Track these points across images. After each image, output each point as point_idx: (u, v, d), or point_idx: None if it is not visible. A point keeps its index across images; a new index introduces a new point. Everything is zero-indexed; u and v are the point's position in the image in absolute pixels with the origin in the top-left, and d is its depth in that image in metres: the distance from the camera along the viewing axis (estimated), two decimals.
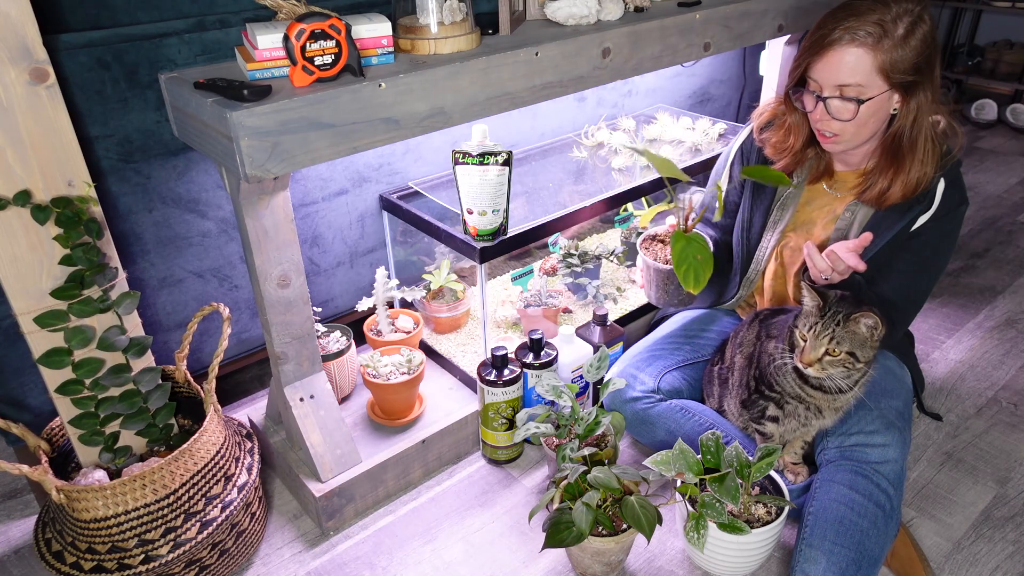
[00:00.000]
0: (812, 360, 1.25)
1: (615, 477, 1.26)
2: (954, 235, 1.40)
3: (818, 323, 1.25)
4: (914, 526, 1.47)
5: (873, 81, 1.26)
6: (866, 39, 1.23)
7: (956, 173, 1.37)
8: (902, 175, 1.33)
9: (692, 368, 1.62)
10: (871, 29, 1.23)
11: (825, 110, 1.31)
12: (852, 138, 1.33)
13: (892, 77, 1.25)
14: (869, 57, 1.24)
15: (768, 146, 1.49)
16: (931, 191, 1.35)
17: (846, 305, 1.25)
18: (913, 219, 1.36)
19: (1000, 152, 3.34)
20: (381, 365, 1.60)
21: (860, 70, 1.25)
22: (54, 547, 1.24)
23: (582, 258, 1.98)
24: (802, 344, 1.27)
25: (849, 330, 1.23)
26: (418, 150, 1.84)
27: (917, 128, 1.31)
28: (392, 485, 1.56)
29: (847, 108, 1.29)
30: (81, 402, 1.23)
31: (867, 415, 1.33)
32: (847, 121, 1.29)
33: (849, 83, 1.26)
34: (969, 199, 1.61)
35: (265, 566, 1.43)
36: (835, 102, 1.29)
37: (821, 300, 1.26)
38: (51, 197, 1.13)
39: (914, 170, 1.32)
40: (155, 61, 1.34)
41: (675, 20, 1.53)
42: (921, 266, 1.39)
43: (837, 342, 1.23)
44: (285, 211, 1.30)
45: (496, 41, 1.35)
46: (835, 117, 1.30)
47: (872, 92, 1.27)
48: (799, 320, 1.29)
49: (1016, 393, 1.84)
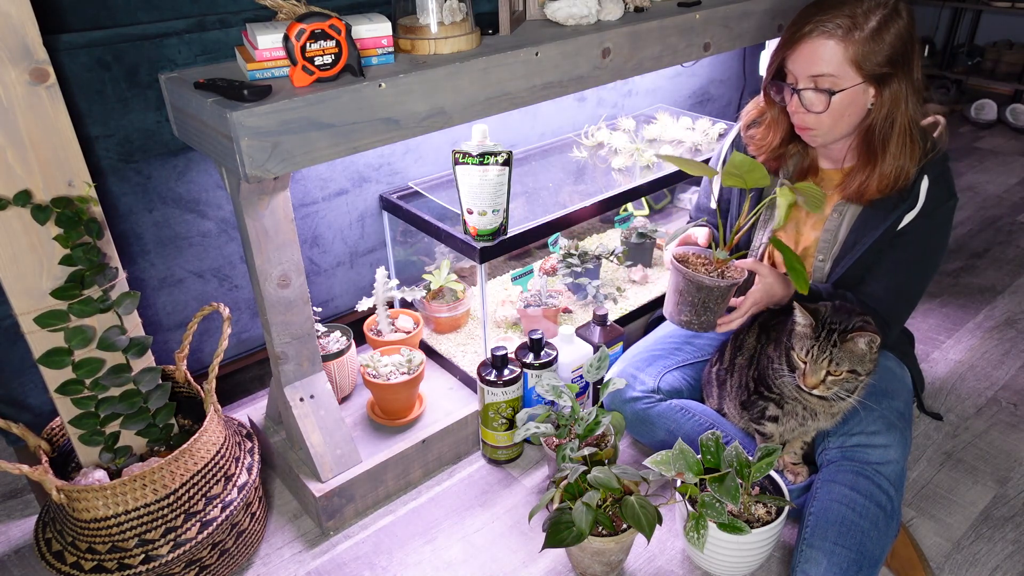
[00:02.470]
0: (815, 383, 1.25)
1: (615, 477, 1.26)
2: (944, 232, 1.40)
3: (815, 345, 1.24)
4: (914, 526, 1.48)
5: (845, 72, 1.27)
6: (835, 31, 1.25)
7: (942, 169, 1.37)
8: (877, 168, 1.34)
9: (692, 368, 1.62)
10: (841, 21, 1.25)
11: (800, 102, 1.32)
12: (829, 131, 1.34)
13: (864, 68, 1.26)
14: (840, 48, 1.25)
15: (752, 143, 1.51)
16: (915, 189, 1.35)
17: (839, 319, 1.24)
18: (899, 218, 1.36)
19: (1000, 152, 3.34)
20: (381, 365, 1.60)
21: (832, 61, 1.26)
22: (54, 547, 1.25)
23: (582, 258, 1.98)
24: (802, 366, 1.26)
25: (847, 349, 1.23)
26: (418, 150, 1.84)
27: (890, 121, 1.31)
28: (392, 485, 1.56)
29: (820, 99, 1.29)
30: (81, 402, 1.23)
31: (868, 416, 1.33)
32: (821, 113, 1.31)
33: (822, 73, 1.28)
34: (968, 199, 1.60)
35: (265, 566, 1.43)
36: (808, 93, 1.30)
37: (813, 319, 1.25)
38: (51, 197, 1.13)
39: (888, 164, 1.33)
40: (155, 61, 1.34)
41: (675, 20, 1.53)
42: (911, 264, 1.39)
43: (837, 363, 1.23)
44: (285, 211, 1.30)
45: (496, 41, 1.35)
46: (809, 109, 1.31)
47: (845, 83, 1.28)
48: (795, 341, 1.28)
49: (1016, 393, 1.84)
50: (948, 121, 1.94)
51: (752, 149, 1.50)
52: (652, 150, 2.05)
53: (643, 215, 2.36)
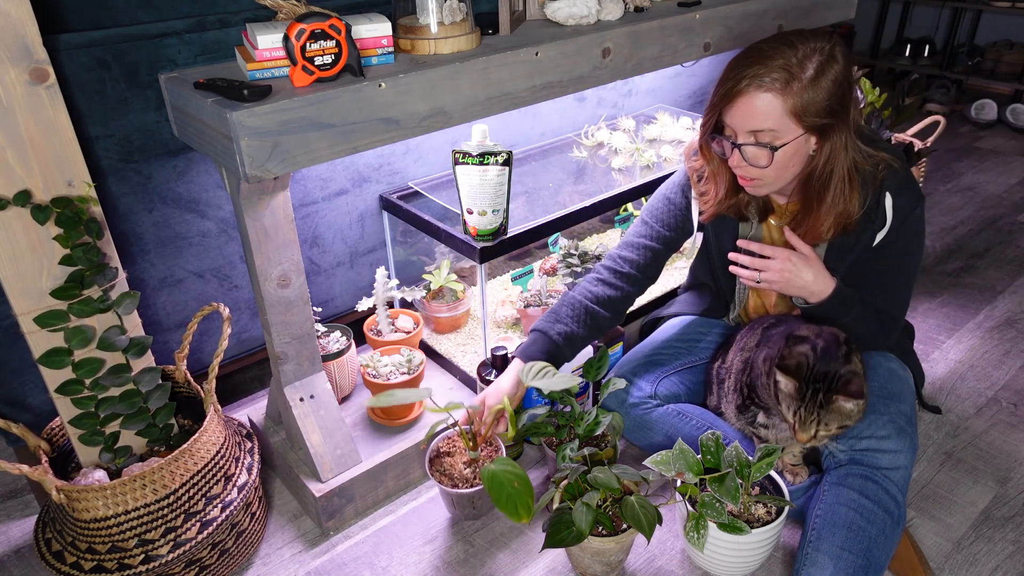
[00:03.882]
0: (807, 440, 1.25)
1: (615, 477, 1.26)
2: (919, 236, 1.39)
3: (801, 408, 1.24)
4: (914, 526, 1.48)
5: (785, 125, 1.22)
6: (772, 84, 1.19)
7: (902, 178, 1.33)
8: (822, 212, 1.31)
9: (689, 372, 1.61)
10: (777, 75, 1.19)
11: (742, 157, 1.28)
12: (774, 182, 1.30)
13: (804, 120, 1.22)
14: (779, 101, 1.20)
15: (702, 201, 1.46)
16: (880, 207, 1.33)
17: (823, 376, 1.22)
18: (871, 237, 1.35)
19: (1000, 152, 3.34)
20: (381, 365, 1.60)
21: (771, 115, 1.21)
22: (54, 547, 1.25)
23: (582, 258, 1.98)
24: (792, 423, 1.26)
25: (834, 410, 1.22)
26: (418, 150, 1.84)
27: (828, 170, 1.27)
28: (392, 485, 1.56)
29: (762, 154, 1.25)
30: (81, 402, 1.23)
31: (877, 420, 1.32)
32: (764, 168, 1.26)
33: (762, 128, 1.23)
34: (968, 199, 1.60)
35: (265, 566, 1.43)
36: (750, 148, 1.26)
37: (797, 381, 1.24)
38: (51, 197, 1.13)
39: (833, 208, 1.29)
40: (155, 61, 1.34)
41: (675, 20, 1.53)
42: (894, 274, 1.39)
43: (825, 424, 1.23)
44: (285, 211, 1.30)
45: (496, 41, 1.35)
46: (752, 164, 1.27)
47: (786, 137, 1.23)
48: (781, 399, 1.27)
49: (1016, 393, 1.84)
50: (948, 121, 1.93)
51: (704, 206, 1.46)
52: (652, 150, 2.05)
53: None
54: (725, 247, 1.49)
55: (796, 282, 1.34)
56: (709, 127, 1.32)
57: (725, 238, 1.50)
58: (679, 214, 1.52)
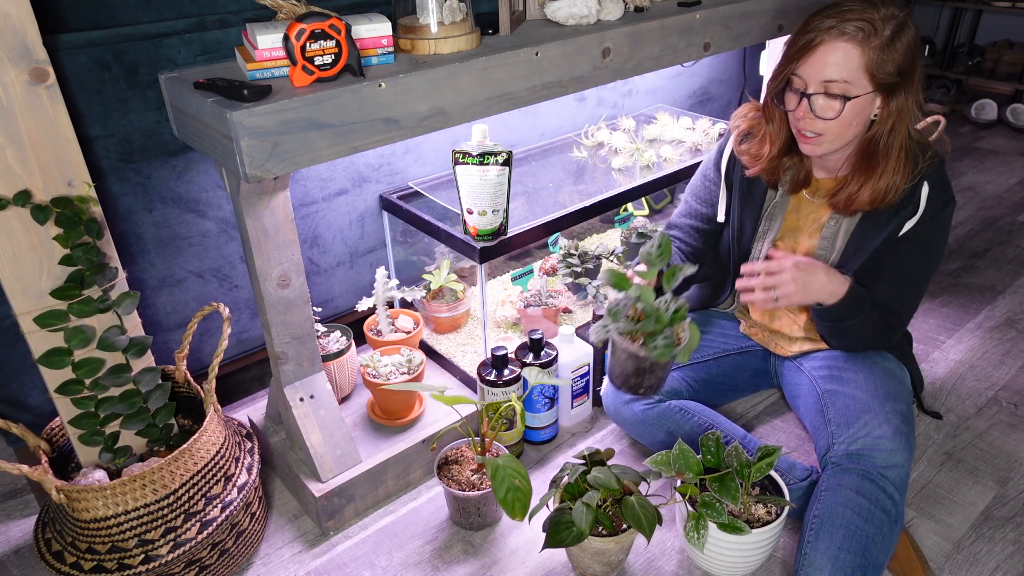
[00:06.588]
0: None
1: (615, 477, 1.26)
2: (944, 236, 1.40)
3: None
4: (914, 526, 1.47)
5: (859, 79, 1.26)
6: (855, 34, 1.24)
7: (940, 174, 1.36)
8: (872, 181, 1.33)
9: (691, 369, 1.61)
10: (861, 25, 1.24)
11: (809, 108, 1.30)
12: (835, 139, 1.33)
13: (877, 77, 1.26)
14: (857, 53, 1.25)
15: (745, 156, 1.50)
16: (915, 196, 1.35)
17: None
18: (900, 225, 1.36)
19: (1000, 152, 3.34)
20: (381, 365, 1.60)
21: (848, 66, 1.25)
22: (54, 547, 1.24)
23: (582, 258, 1.98)
24: None
25: None
26: (418, 150, 1.84)
27: (894, 135, 1.31)
28: (392, 485, 1.56)
29: (832, 106, 1.28)
30: (81, 402, 1.23)
31: (874, 419, 1.32)
32: (830, 120, 1.29)
33: (836, 79, 1.26)
34: (968, 199, 1.61)
35: (265, 566, 1.43)
36: (820, 99, 1.29)
37: None
38: (51, 197, 1.13)
39: (885, 178, 1.32)
40: (155, 61, 1.34)
41: (675, 20, 1.53)
42: (912, 270, 1.39)
43: None
44: (285, 211, 1.30)
45: (496, 41, 1.35)
46: (819, 115, 1.30)
47: (857, 91, 1.27)
48: None
49: (1016, 393, 1.84)
50: (948, 121, 1.94)
51: (746, 161, 1.50)
52: (652, 150, 2.05)
53: (643, 215, 2.36)
54: (746, 217, 1.54)
55: (813, 286, 1.34)
56: (780, 81, 1.35)
57: (751, 207, 1.52)
58: (715, 189, 1.59)
